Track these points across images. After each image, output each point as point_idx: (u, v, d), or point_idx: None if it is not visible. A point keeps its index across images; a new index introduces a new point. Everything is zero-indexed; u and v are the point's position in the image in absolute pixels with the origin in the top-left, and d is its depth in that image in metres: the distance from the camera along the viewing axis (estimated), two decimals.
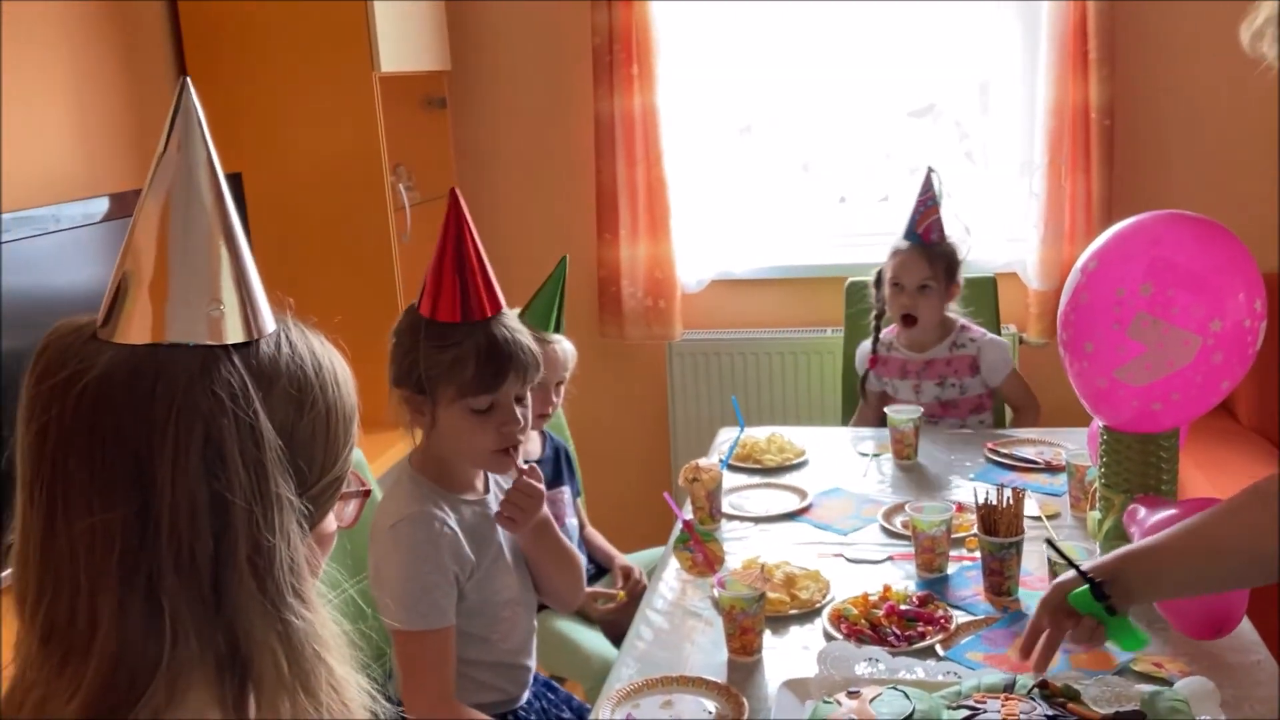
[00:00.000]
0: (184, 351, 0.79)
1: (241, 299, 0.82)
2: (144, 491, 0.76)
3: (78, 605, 0.76)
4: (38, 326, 2.21)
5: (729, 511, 2.22)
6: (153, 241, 0.81)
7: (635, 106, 3.36)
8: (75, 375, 0.78)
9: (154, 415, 0.77)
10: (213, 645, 0.77)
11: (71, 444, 0.77)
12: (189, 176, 0.83)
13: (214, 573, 0.77)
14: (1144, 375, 1.64)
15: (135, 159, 2.88)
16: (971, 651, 1.66)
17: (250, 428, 0.79)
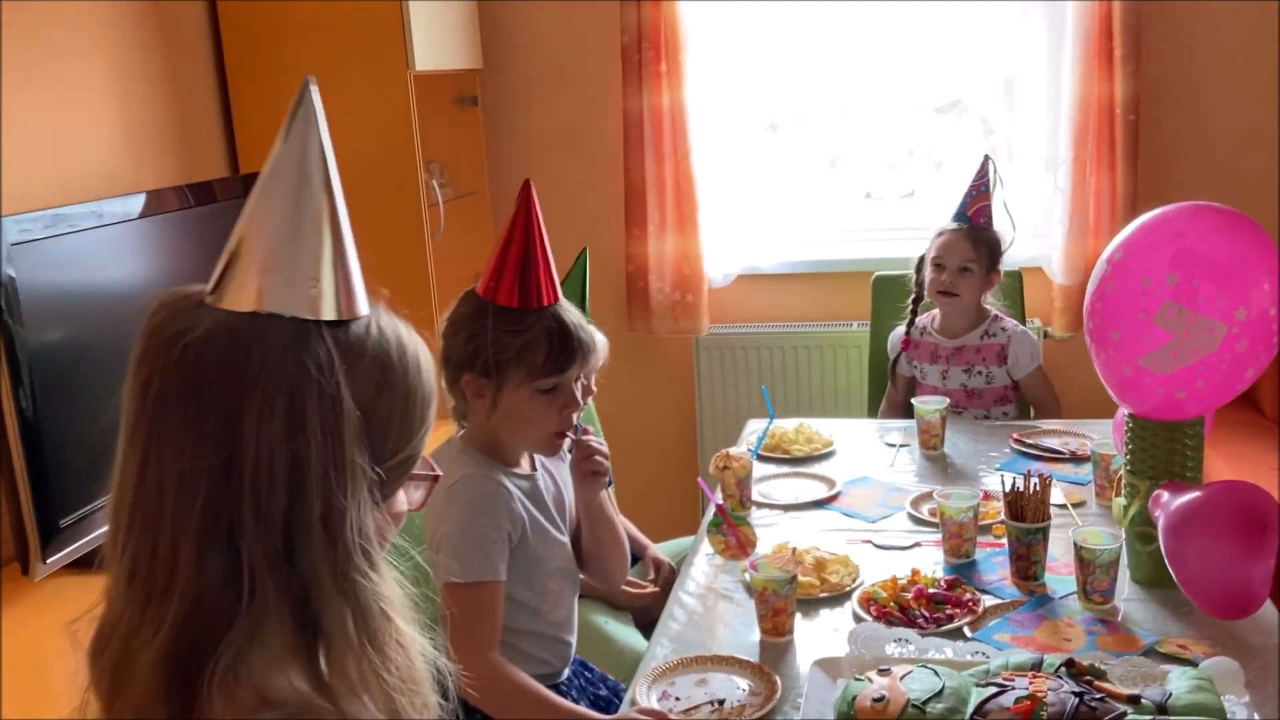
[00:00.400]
0: (280, 321, 0.85)
1: (338, 281, 0.88)
2: (230, 445, 0.82)
3: (160, 546, 0.83)
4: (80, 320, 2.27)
5: (758, 499, 2.27)
6: (263, 221, 0.87)
7: (663, 103, 3.41)
8: (181, 333, 0.84)
9: (245, 376, 0.83)
10: (287, 598, 0.83)
11: (170, 395, 0.84)
12: (302, 165, 0.89)
13: (287, 528, 0.83)
14: (1169, 363, 1.67)
15: (175, 156, 2.94)
16: (999, 633, 1.70)
17: (332, 398, 0.84)
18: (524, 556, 1.71)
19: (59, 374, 2.18)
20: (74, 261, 2.25)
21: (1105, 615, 1.74)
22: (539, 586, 1.75)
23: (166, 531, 0.83)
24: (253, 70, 3.10)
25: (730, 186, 3.54)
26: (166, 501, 0.83)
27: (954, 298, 2.75)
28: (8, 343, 2.05)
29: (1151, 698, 1.41)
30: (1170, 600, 1.76)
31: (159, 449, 0.83)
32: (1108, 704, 1.39)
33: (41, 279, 2.13)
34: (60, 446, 2.16)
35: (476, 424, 1.74)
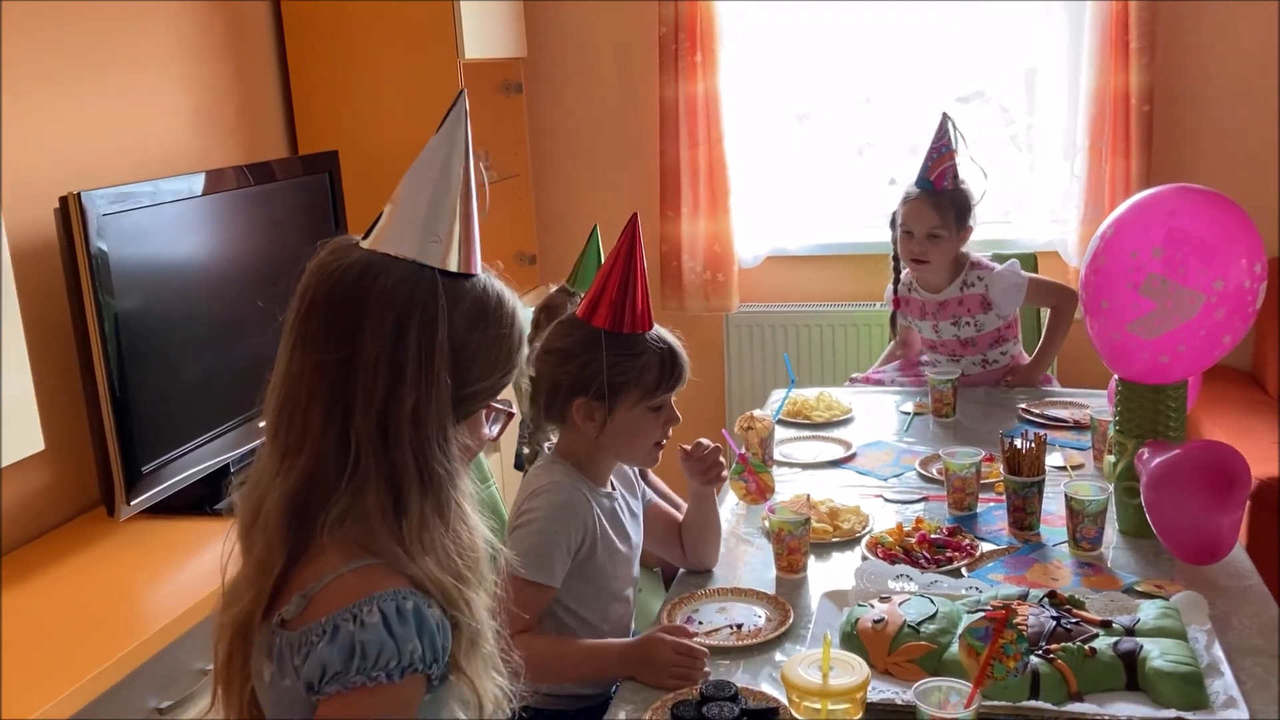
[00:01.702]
0: (404, 262, 1.11)
1: (459, 243, 1.13)
2: (350, 346, 1.08)
3: (295, 416, 1.09)
4: (156, 289, 2.47)
5: (780, 459, 2.44)
6: (411, 189, 1.14)
7: (698, 92, 3.58)
8: (333, 262, 1.12)
9: (368, 296, 1.09)
10: (381, 471, 1.08)
11: (317, 306, 1.11)
12: (448, 153, 1.14)
13: (383, 415, 1.08)
14: (1154, 329, 1.83)
15: (239, 138, 3.15)
16: (993, 573, 1.88)
17: (431, 322, 1.10)
18: (591, 570, 1.75)
19: (141, 337, 2.39)
20: (151, 235, 2.45)
21: (1092, 560, 1.90)
22: (603, 606, 1.79)
23: (301, 406, 1.09)
24: (312, 59, 3.31)
25: (761, 172, 3.72)
26: (304, 383, 1.09)
27: (925, 264, 2.80)
28: (100, 317, 2.25)
29: (1121, 623, 1.59)
30: (1153, 549, 1.92)
31: (304, 345, 1.10)
32: (1082, 627, 1.56)
33: (125, 252, 2.33)
34: (142, 401, 2.37)
35: (570, 444, 1.79)
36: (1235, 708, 1.41)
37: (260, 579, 1.10)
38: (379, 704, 1.04)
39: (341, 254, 1.13)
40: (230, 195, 2.75)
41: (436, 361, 1.09)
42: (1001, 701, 1.44)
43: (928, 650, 1.54)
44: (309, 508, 1.09)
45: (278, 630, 1.07)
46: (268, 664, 1.08)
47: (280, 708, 1.10)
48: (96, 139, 2.62)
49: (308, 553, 1.10)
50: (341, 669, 1.03)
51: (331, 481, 1.08)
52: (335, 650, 1.03)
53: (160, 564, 2.30)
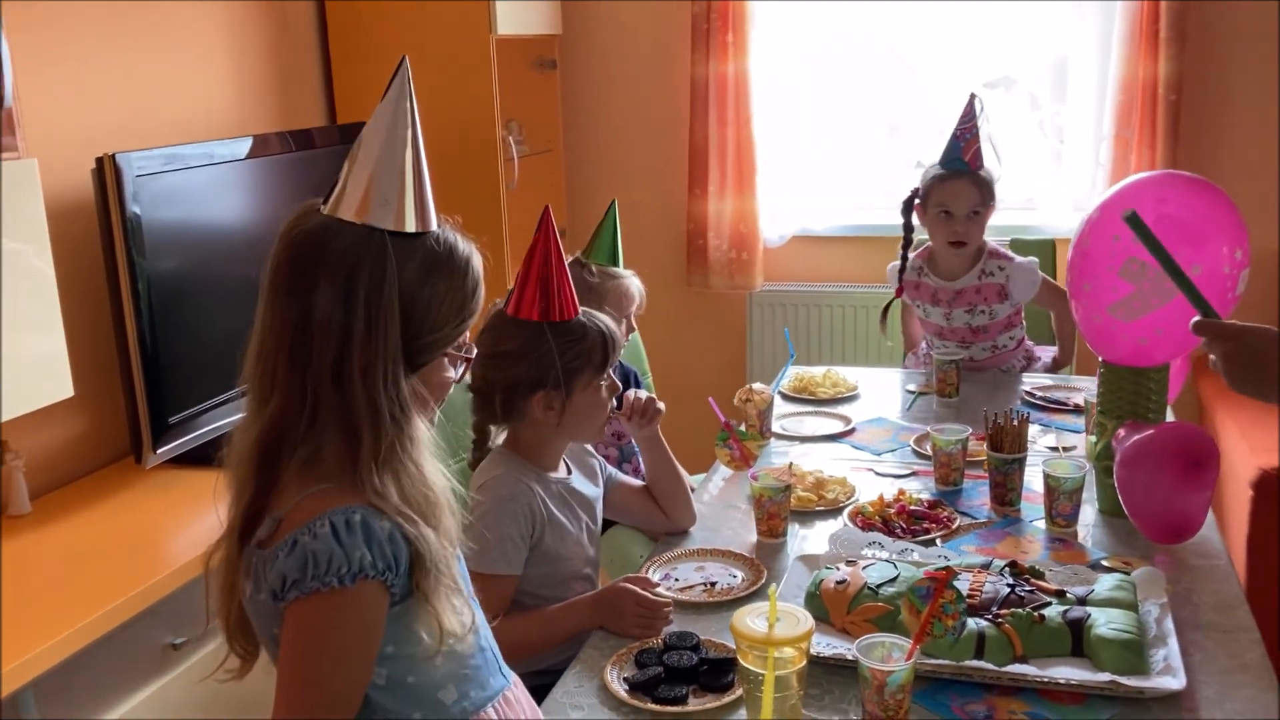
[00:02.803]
0: (356, 226, 1.20)
1: (412, 204, 1.22)
2: (305, 304, 1.19)
3: (265, 366, 1.21)
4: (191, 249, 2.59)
5: (779, 432, 2.51)
6: (362, 157, 1.22)
7: (729, 72, 3.64)
8: (296, 226, 1.23)
9: (322, 257, 1.20)
10: (337, 420, 1.19)
11: (282, 267, 1.22)
12: (393, 122, 1.23)
13: (336, 369, 1.19)
14: (1133, 312, 1.87)
15: (279, 105, 3.27)
16: (966, 544, 1.93)
17: (379, 283, 1.19)
18: (542, 554, 1.80)
19: (172, 296, 2.51)
20: (186, 197, 2.57)
21: (1066, 536, 1.95)
22: (563, 585, 1.83)
23: (270, 358, 1.21)
24: (351, 31, 3.42)
25: (788, 152, 3.76)
26: (272, 337, 1.21)
27: (964, 246, 2.80)
28: (131, 273, 2.37)
29: (1075, 593, 1.64)
30: (1129, 528, 1.96)
31: (271, 302, 1.22)
32: (1036, 595, 1.62)
33: (160, 214, 2.45)
34: (171, 357, 2.49)
35: (521, 435, 1.84)
36: (1171, 675, 1.46)
37: (233, 509, 1.23)
38: (335, 606, 1.15)
39: (304, 218, 1.23)
40: (266, 160, 2.86)
41: (385, 319, 1.19)
42: (945, 661, 1.50)
43: (884, 611, 1.60)
44: (276, 449, 1.20)
45: (254, 551, 1.20)
46: (247, 582, 1.21)
47: (259, 621, 1.23)
48: (138, 102, 2.74)
49: (276, 487, 1.21)
50: (299, 577, 1.14)
51: (295, 426, 1.19)
52: (292, 561, 1.15)
53: (183, 510, 2.43)
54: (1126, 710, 1.44)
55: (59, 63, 2.50)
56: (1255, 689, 1.48)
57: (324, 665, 1.17)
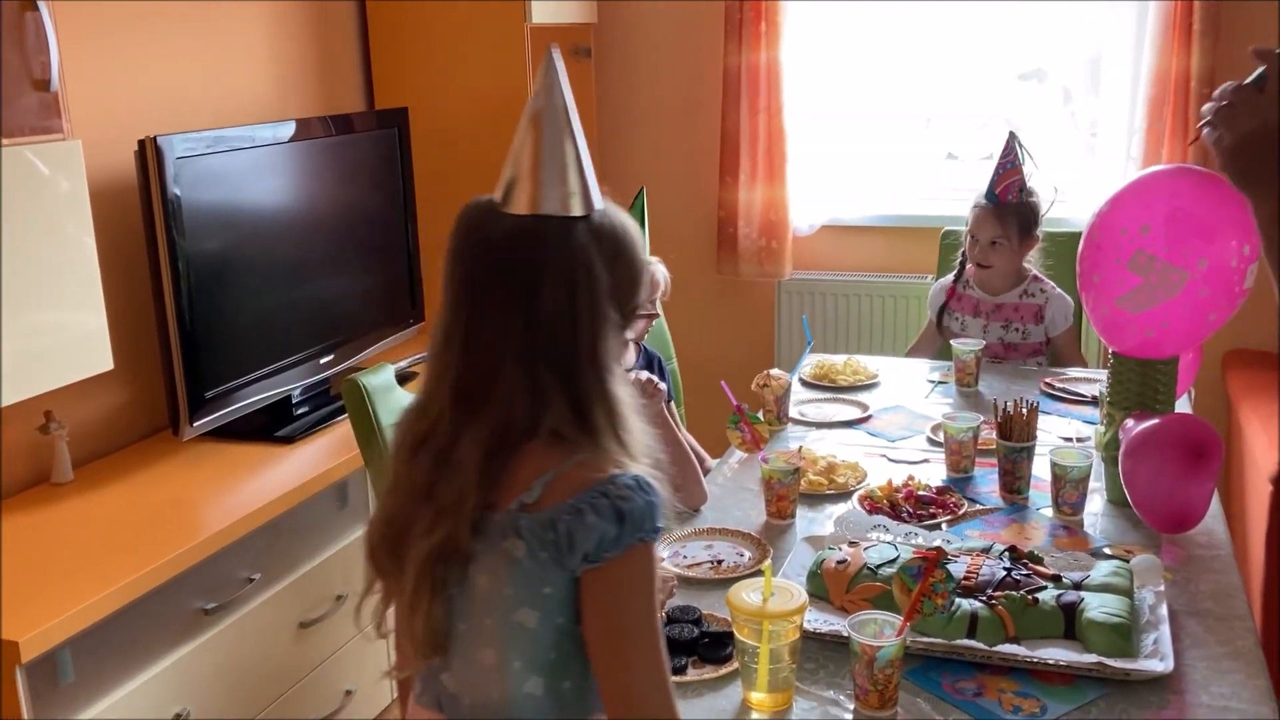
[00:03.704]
0: (548, 221, 1.22)
1: (582, 187, 1.24)
2: (531, 307, 1.21)
3: (483, 374, 1.22)
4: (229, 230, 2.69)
5: (796, 418, 2.55)
6: (531, 150, 1.23)
7: (761, 61, 3.67)
8: (488, 236, 1.23)
9: (535, 261, 1.22)
10: (569, 404, 1.23)
11: (487, 277, 1.23)
12: (550, 107, 1.24)
13: (568, 357, 1.22)
14: (1140, 305, 1.89)
15: (319, 90, 3.35)
16: (971, 530, 1.97)
17: (590, 270, 1.22)
18: None
19: (210, 275, 2.59)
20: (226, 179, 2.65)
21: (1071, 524, 1.98)
22: None
23: (490, 368, 1.22)
24: (390, 17, 3.49)
25: (819, 142, 3.79)
26: (489, 347, 1.23)
27: (988, 268, 2.99)
28: (171, 253, 2.46)
29: (1071, 578, 1.67)
30: (1136, 518, 1.98)
31: (482, 314, 1.23)
32: (1031, 579, 1.65)
33: (199, 196, 2.54)
34: (208, 334, 2.58)
35: None
36: (1159, 659, 1.49)
37: (454, 514, 1.22)
38: (647, 560, 1.21)
39: (493, 221, 1.24)
40: (305, 144, 2.94)
41: (602, 301, 1.23)
42: (938, 639, 1.54)
43: (881, 591, 1.64)
44: (501, 450, 1.23)
45: (518, 514, 1.21)
46: (519, 544, 1.20)
47: (531, 579, 1.21)
48: (180, 86, 2.82)
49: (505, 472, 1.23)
50: (616, 535, 1.17)
51: (522, 424, 1.22)
52: (603, 521, 1.17)
53: (218, 481, 2.52)
54: (1114, 691, 1.47)
55: (104, 47, 2.59)
56: (1244, 674, 1.51)
57: (654, 614, 1.22)
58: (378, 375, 2.02)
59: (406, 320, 3.38)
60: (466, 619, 1.25)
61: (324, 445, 2.74)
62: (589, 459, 1.21)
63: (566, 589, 1.21)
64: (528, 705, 1.25)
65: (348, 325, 3.12)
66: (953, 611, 1.55)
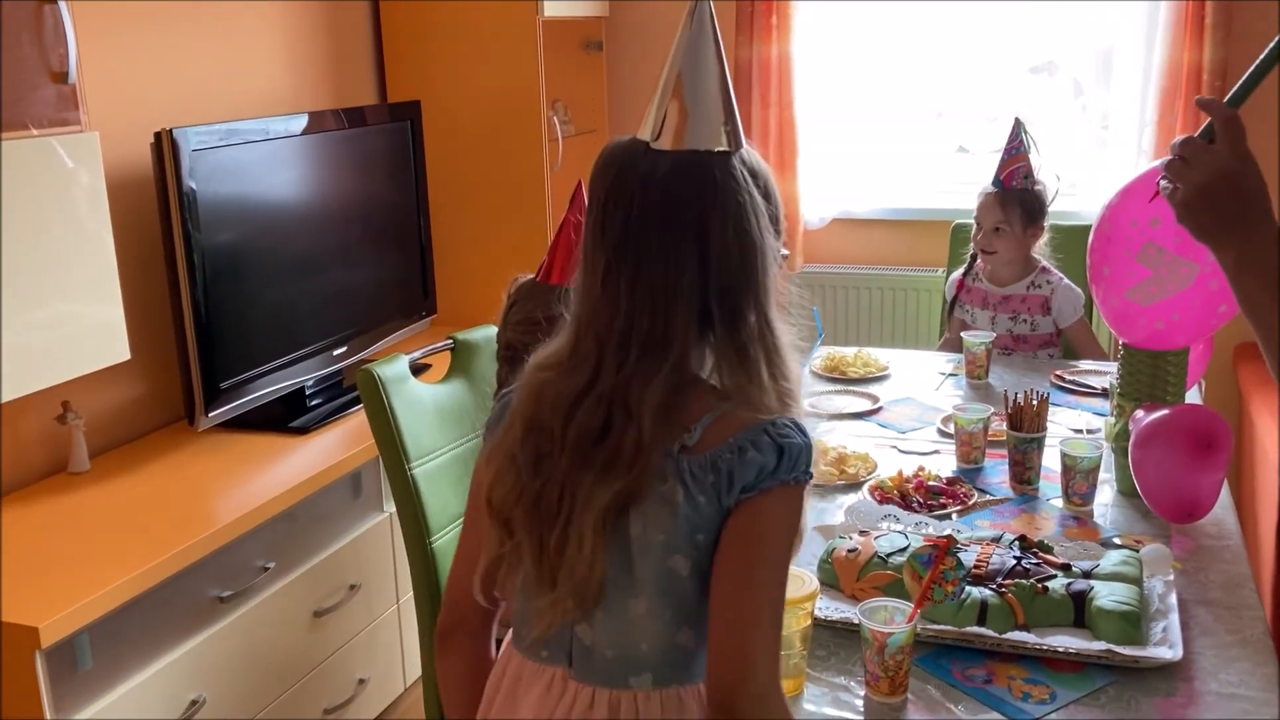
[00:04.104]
0: (710, 155, 1.20)
1: (734, 123, 1.22)
2: (701, 247, 1.18)
3: (657, 318, 1.18)
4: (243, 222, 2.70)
5: (807, 409, 2.56)
6: (682, 84, 1.22)
7: (772, 54, 3.68)
8: (649, 174, 1.19)
9: (704, 199, 1.18)
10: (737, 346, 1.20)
11: (651, 218, 1.19)
12: (701, 43, 1.23)
13: (740, 296, 1.19)
14: (1150, 297, 1.90)
15: (331, 82, 3.36)
16: (981, 520, 1.98)
17: (754, 203, 1.19)
18: None
19: (226, 267, 2.61)
20: (240, 171, 2.67)
21: (1081, 515, 1.99)
22: None
23: (661, 309, 1.18)
24: (403, 10, 3.51)
25: (830, 135, 3.80)
26: (659, 287, 1.18)
27: (992, 254, 2.99)
28: (186, 244, 2.48)
29: (1081, 567, 1.68)
30: (1146, 509, 1.99)
31: (648, 255, 1.19)
32: (1041, 568, 1.67)
33: (214, 187, 2.55)
34: (223, 326, 2.60)
35: None
36: (1167, 646, 1.50)
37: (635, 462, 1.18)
38: (797, 503, 1.20)
39: (649, 159, 1.20)
40: (319, 137, 2.96)
41: (766, 234, 1.20)
42: (948, 626, 1.55)
43: (891, 579, 1.66)
44: (678, 392, 1.19)
45: (679, 457, 1.18)
46: (678, 488, 1.18)
47: (687, 524, 1.18)
48: (195, 78, 2.84)
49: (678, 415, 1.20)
50: (775, 467, 1.16)
51: (694, 363, 1.21)
52: (764, 455, 1.15)
53: (233, 471, 2.54)
54: (1123, 679, 1.48)
55: (121, 40, 2.61)
56: (1252, 662, 1.52)
57: (787, 563, 1.20)
58: (392, 365, 2.04)
59: (419, 312, 3.40)
60: (618, 565, 1.21)
61: (337, 436, 2.76)
62: (751, 400, 1.19)
63: (718, 532, 1.19)
64: (678, 658, 1.23)
65: (361, 317, 3.14)
66: (963, 599, 1.57)
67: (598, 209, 1.22)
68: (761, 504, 1.17)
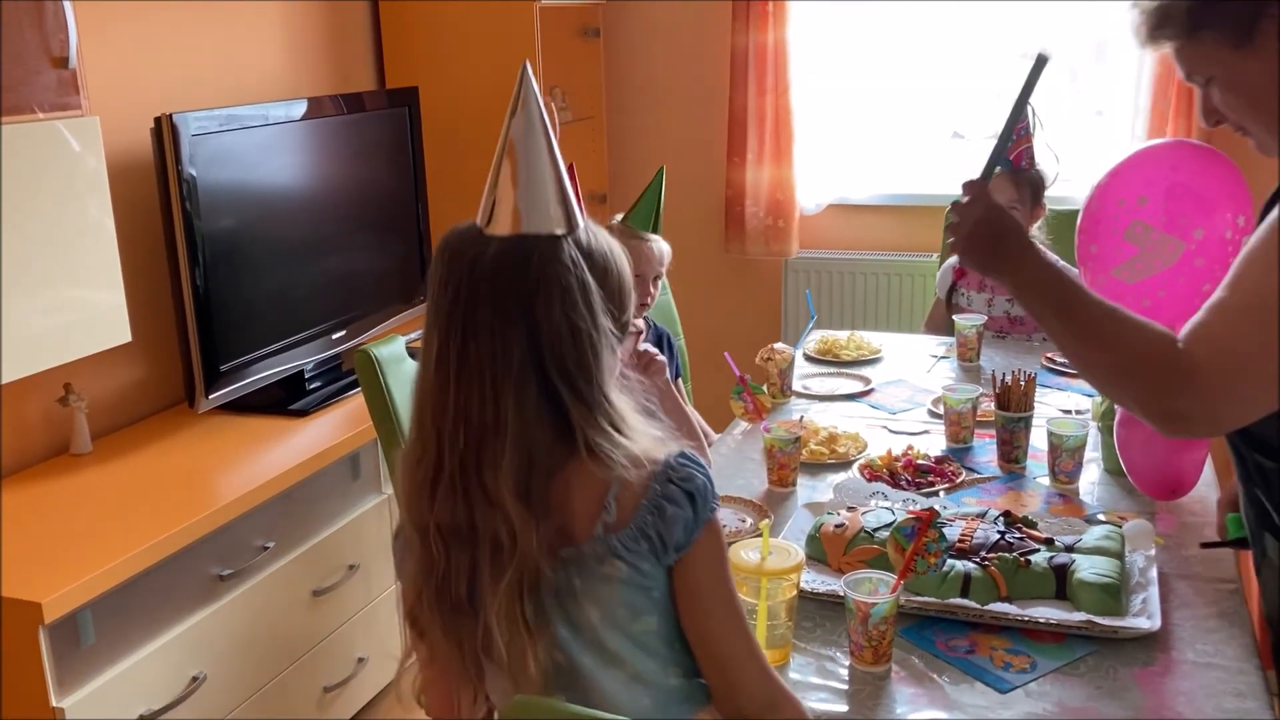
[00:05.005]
0: (539, 238, 1.21)
1: (565, 206, 1.24)
2: (529, 323, 1.19)
3: (486, 397, 1.19)
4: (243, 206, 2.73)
5: (799, 390, 2.59)
6: (509, 173, 1.24)
7: (768, 41, 3.70)
8: (477, 257, 1.21)
9: (529, 278, 1.20)
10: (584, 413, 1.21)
11: (478, 298, 1.19)
12: (529, 129, 1.24)
13: (573, 369, 1.20)
14: (1136, 274, 1.92)
15: (330, 69, 3.39)
16: (968, 497, 2.01)
17: (584, 283, 1.21)
18: None
19: (226, 251, 2.64)
20: (240, 156, 2.70)
21: (1067, 492, 2.02)
22: None
23: (490, 389, 1.19)
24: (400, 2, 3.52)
25: (826, 121, 3.82)
26: (486, 368, 1.19)
27: None
28: (186, 228, 2.51)
29: (1064, 541, 1.71)
30: (1131, 487, 2.02)
31: (475, 335, 1.19)
32: (1025, 542, 1.70)
33: (214, 172, 2.58)
34: (223, 309, 2.63)
35: None
36: (1145, 617, 1.53)
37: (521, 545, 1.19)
38: (719, 530, 1.26)
39: (479, 244, 1.22)
40: (318, 123, 2.98)
41: (598, 313, 1.22)
42: (931, 598, 1.59)
43: (877, 553, 1.69)
44: (532, 475, 1.20)
45: (606, 538, 1.20)
46: (619, 564, 1.20)
47: (639, 590, 1.22)
48: (195, 64, 2.87)
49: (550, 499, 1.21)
50: (694, 515, 1.21)
51: (547, 443, 1.20)
52: (681, 509, 1.20)
53: (233, 452, 2.57)
54: (1103, 649, 1.51)
55: (121, 25, 2.64)
56: (1228, 634, 1.55)
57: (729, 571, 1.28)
58: (388, 346, 2.07)
59: (417, 297, 3.42)
60: (589, 651, 1.24)
61: (337, 418, 2.79)
62: (634, 457, 1.21)
63: (668, 581, 1.24)
64: (677, 695, 1.27)
65: (359, 301, 3.17)
66: (946, 572, 1.60)
67: (434, 292, 1.23)
68: (697, 553, 1.23)
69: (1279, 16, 1.37)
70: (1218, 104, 1.48)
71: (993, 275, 1.57)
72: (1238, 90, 1.44)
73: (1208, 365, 1.32)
